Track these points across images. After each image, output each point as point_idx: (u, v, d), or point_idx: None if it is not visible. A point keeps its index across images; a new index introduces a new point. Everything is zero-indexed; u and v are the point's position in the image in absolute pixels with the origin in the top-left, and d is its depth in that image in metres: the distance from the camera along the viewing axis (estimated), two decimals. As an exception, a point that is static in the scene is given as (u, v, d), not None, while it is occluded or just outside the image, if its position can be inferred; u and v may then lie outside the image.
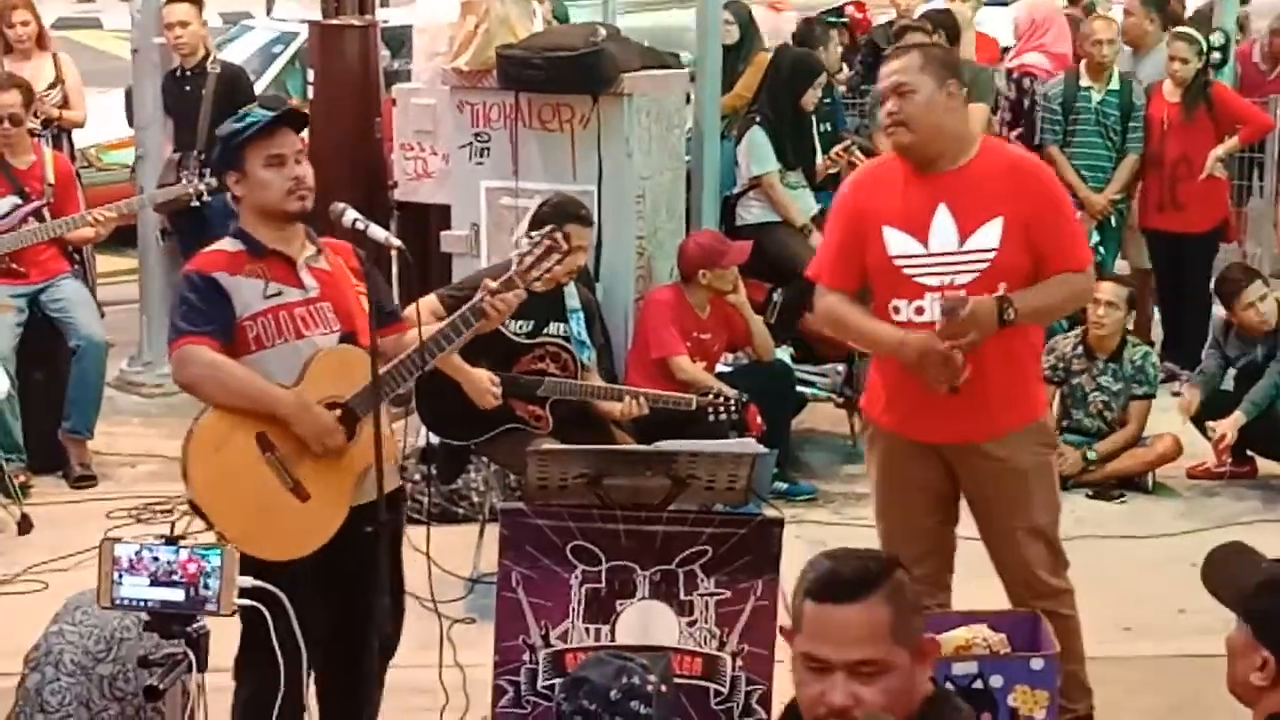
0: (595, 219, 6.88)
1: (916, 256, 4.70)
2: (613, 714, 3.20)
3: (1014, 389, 4.78)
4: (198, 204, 8.20)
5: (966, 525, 5.05)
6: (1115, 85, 9.08)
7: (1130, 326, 8.06)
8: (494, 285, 4.52)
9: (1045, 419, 4.99)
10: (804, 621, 2.87)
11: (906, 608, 2.86)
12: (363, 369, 4.33)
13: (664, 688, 3.27)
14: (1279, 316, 7.71)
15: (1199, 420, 7.77)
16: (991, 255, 4.65)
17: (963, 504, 5.00)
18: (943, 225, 4.69)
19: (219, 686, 4.27)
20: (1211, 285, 8.37)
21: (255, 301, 4.39)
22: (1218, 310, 8.27)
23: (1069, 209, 4.91)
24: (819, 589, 2.86)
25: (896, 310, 4.75)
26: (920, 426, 4.81)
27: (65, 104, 9.46)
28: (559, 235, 4.63)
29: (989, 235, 4.66)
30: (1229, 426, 7.47)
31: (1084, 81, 9.09)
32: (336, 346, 4.42)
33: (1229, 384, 7.73)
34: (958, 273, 4.67)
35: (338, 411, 4.36)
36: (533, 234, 4.72)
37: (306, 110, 8.22)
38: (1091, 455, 7.56)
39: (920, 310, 4.70)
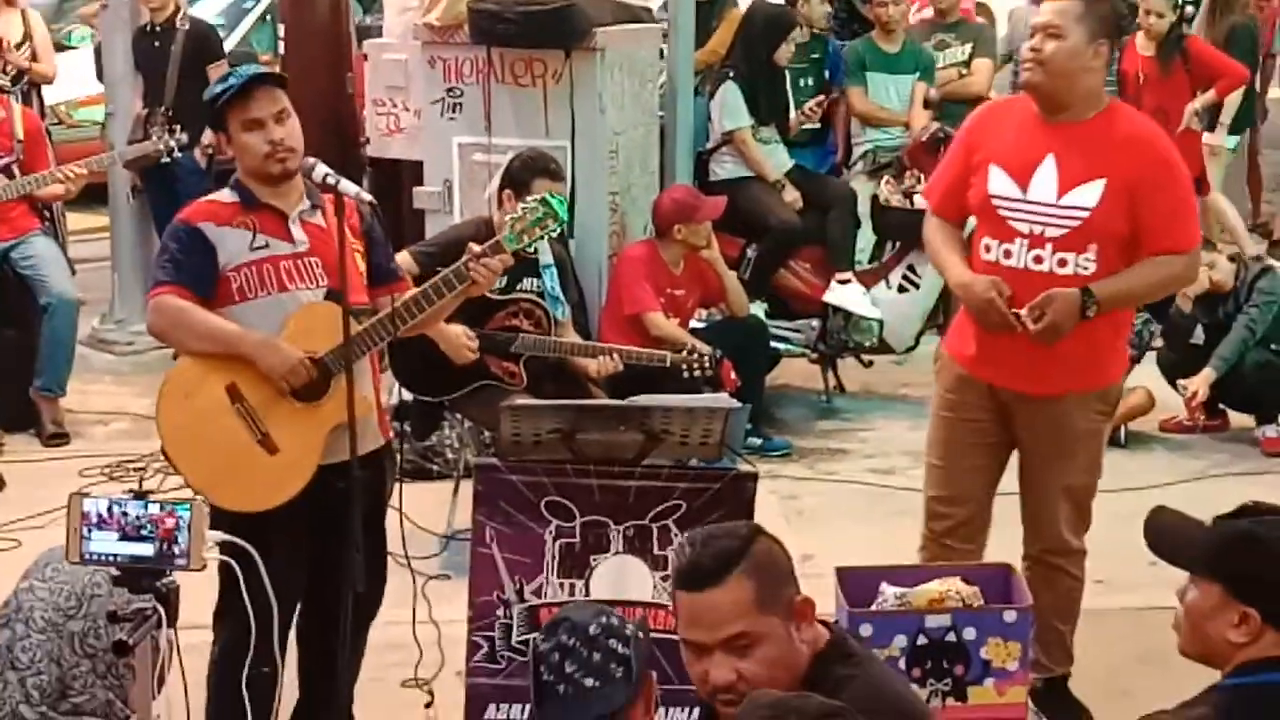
0: (568, 175, 6.86)
1: (1014, 200, 4.70)
2: (590, 649, 3.26)
3: (1087, 353, 4.74)
4: (167, 160, 8.17)
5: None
6: (1089, 39, 9.05)
7: None
8: (478, 249, 4.49)
9: (1112, 386, 4.95)
10: (678, 609, 3.03)
11: (770, 577, 2.98)
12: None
13: (641, 635, 3.33)
14: (1237, 274, 7.73)
15: (1171, 376, 7.80)
16: (1086, 215, 4.62)
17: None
18: (1045, 175, 4.67)
19: (198, 643, 4.29)
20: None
21: (241, 253, 4.37)
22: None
23: (1184, 186, 4.81)
24: (683, 579, 3.01)
25: (987, 249, 4.76)
26: (991, 369, 4.81)
27: (34, 59, 9.39)
28: (554, 202, 4.57)
29: (1088, 194, 4.63)
30: (1200, 383, 7.49)
31: (1055, 36, 9.05)
32: (318, 302, 4.40)
33: (1199, 338, 7.75)
34: (1049, 224, 4.65)
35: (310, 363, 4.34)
36: (528, 200, 4.66)
37: (277, 68, 8.19)
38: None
39: (1008, 253, 4.71)
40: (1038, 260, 4.67)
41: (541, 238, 4.58)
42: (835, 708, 2.63)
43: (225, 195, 4.48)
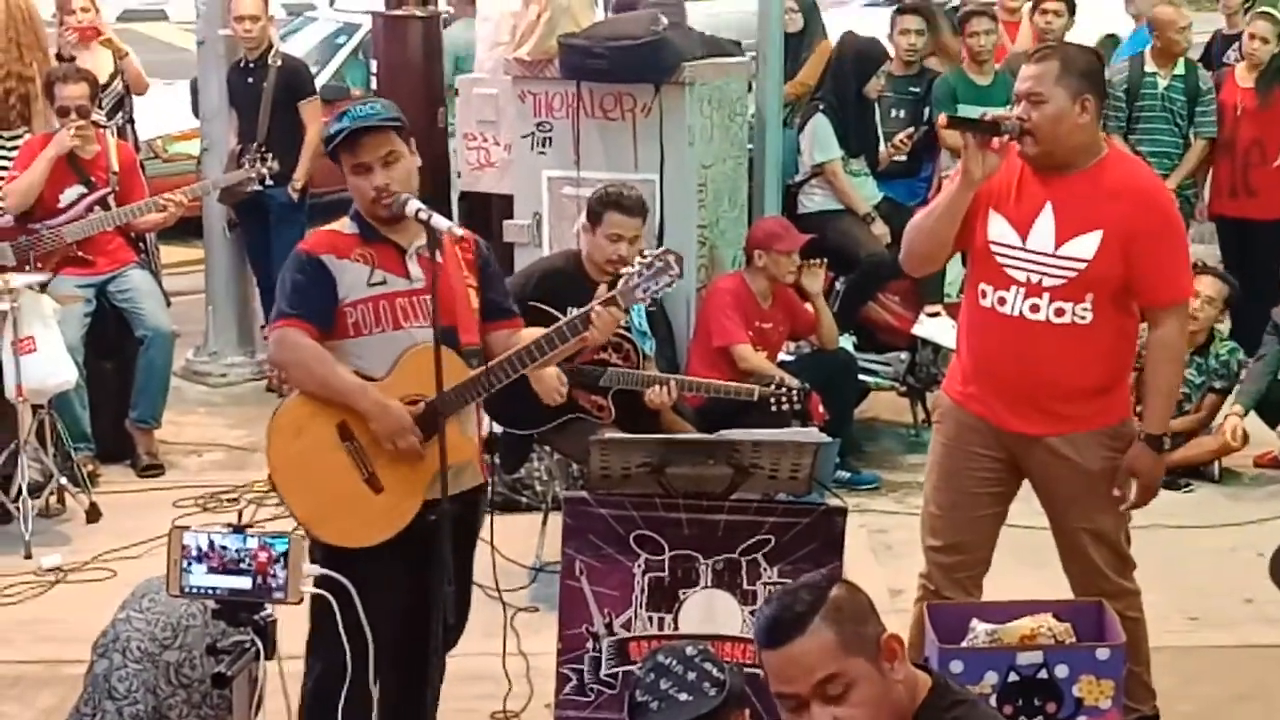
0: (656, 208, 6.88)
1: (1012, 248, 4.67)
2: (686, 668, 3.39)
3: (1092, 391, 4.70)
4: (260, 189, 8.30)
5: (1016, 515, 5.00)
6: (1181, 70, 8.98)
7: (1221, 325, 7.94)
8: (603, 301, 4.45)
9: (1122, 424, 4.84)
10: (766, 670, 3.03)
11: (850, 620, 2.99)
12: (454, 369, 4.32)
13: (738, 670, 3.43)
14: None
15: (1261, 411, 7.68)
16: (1083, 266, 4.60)
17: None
18: (1044, 225, 4.64)
19: (293, 673, 4.32)
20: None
21: (358, 288, 4.38)
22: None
23: (1179, 238, 4.79)
24: (765, 636, 3.03)
25: (983, 294, 4.73)
26: (996, 411, 4.76)
27: (128, 90, 9.51)
28: (672, 257, 4.52)
29: (1085, 246, 4.60)
30: None
31: (1149, 67, 8.98)
32: (430, 344, 4.34)
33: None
34: (1046, 274, 4.63)
35: (420, 407, 4.34)
36: (646, 253, 4.61)
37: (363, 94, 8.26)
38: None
39: (1003, 300, 4.67)
40: (1034, 309, 4.64)
41: (657, 293, 4.52)
42: None
43: (346, 226, 4.49)
